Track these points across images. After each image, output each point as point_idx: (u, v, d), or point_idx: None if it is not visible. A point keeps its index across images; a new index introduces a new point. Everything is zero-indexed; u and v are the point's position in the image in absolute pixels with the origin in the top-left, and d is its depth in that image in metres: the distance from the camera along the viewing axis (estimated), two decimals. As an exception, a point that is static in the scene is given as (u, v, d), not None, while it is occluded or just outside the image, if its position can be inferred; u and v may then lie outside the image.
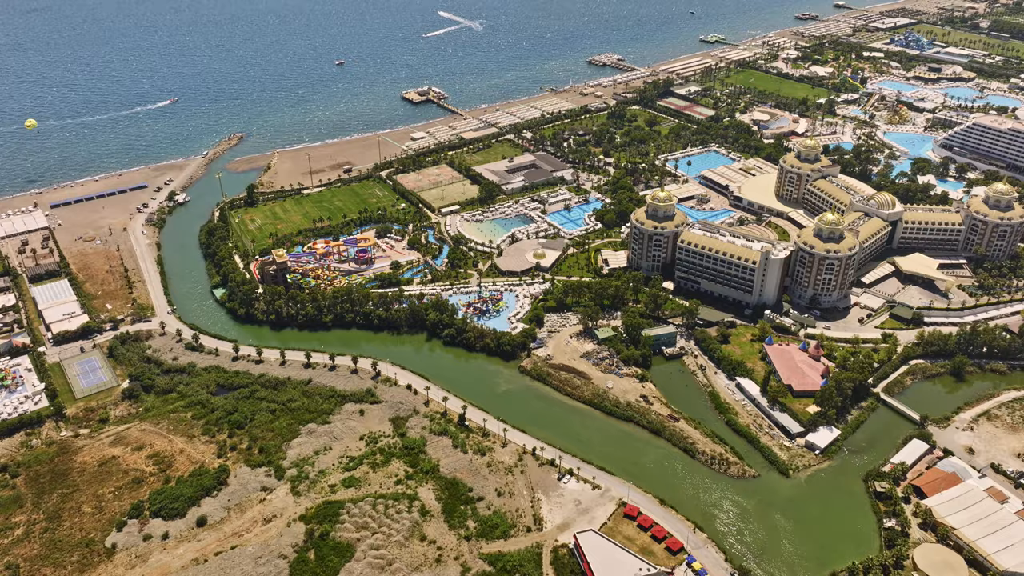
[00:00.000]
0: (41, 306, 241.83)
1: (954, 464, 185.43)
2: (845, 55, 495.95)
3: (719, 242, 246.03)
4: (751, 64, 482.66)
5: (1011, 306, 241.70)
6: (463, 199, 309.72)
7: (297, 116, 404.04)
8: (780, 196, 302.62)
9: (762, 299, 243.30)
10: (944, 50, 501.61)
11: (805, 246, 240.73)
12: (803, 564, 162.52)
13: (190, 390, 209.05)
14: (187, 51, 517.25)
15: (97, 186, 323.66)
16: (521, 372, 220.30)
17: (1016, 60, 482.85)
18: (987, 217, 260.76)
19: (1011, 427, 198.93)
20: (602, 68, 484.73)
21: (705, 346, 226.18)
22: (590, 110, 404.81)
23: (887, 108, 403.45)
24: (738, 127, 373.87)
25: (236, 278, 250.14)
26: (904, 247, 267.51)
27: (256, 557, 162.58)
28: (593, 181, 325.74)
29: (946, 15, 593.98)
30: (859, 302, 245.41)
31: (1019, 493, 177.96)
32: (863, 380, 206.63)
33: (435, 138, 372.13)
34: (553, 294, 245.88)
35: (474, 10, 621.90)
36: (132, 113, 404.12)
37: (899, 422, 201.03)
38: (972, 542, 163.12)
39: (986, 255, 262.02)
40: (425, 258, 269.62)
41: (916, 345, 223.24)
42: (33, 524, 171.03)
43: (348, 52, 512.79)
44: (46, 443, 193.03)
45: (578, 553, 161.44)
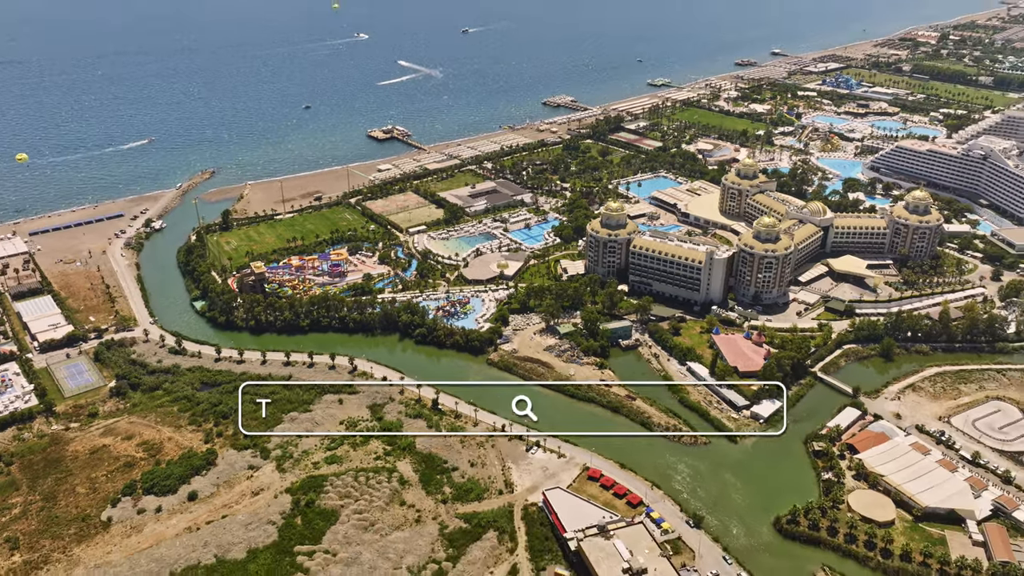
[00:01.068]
0: (26, 319, 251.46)
1: (883, 426, 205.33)
2: (781, 95, 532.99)
3: (668, 246, 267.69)
4: (695, 103, 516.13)
5: (932, 298, 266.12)
6: (429, 220, 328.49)
7: (267, 153, 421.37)
8: (723, 211, 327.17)
9: (709, 297, 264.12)
10: (871, 89, 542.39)
11: (746, 247, 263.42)
12: (750, 512, 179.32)
13: (175, 387, 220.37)
14: (164, 97, 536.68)
15: (74, 216, 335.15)
16: (489, 364, 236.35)
17: (935, 97, 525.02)
18: (908, 221, 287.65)
19: (933, 396, 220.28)
20: (556, 108, 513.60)
21: (658, 337, 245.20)
22: (546, 143, 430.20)
23: (820, 138, 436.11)
24: (684, 155, 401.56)
25: (216, 289, 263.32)
26: (836, 250, 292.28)
27: (246, 524, 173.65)
28: (551, 203, 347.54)
29: (872, 60, 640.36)
30: (797, 298, 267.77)
31: (939, 448, 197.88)
32: (800, 358, 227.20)
33: (400, 169, 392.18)
34: (516, 297, 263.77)
35: (434, 59, 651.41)
36: (111, 151, 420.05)
37: (834, 396, 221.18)
38: (899, 486, 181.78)
39: (909, 255, 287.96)
40: (395, 271, 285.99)
41: (849, 332, 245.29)
42: (29, 504, 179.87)
43: (314, 98, 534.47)
44: (38, 436, 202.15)
45: (547, 507, 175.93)
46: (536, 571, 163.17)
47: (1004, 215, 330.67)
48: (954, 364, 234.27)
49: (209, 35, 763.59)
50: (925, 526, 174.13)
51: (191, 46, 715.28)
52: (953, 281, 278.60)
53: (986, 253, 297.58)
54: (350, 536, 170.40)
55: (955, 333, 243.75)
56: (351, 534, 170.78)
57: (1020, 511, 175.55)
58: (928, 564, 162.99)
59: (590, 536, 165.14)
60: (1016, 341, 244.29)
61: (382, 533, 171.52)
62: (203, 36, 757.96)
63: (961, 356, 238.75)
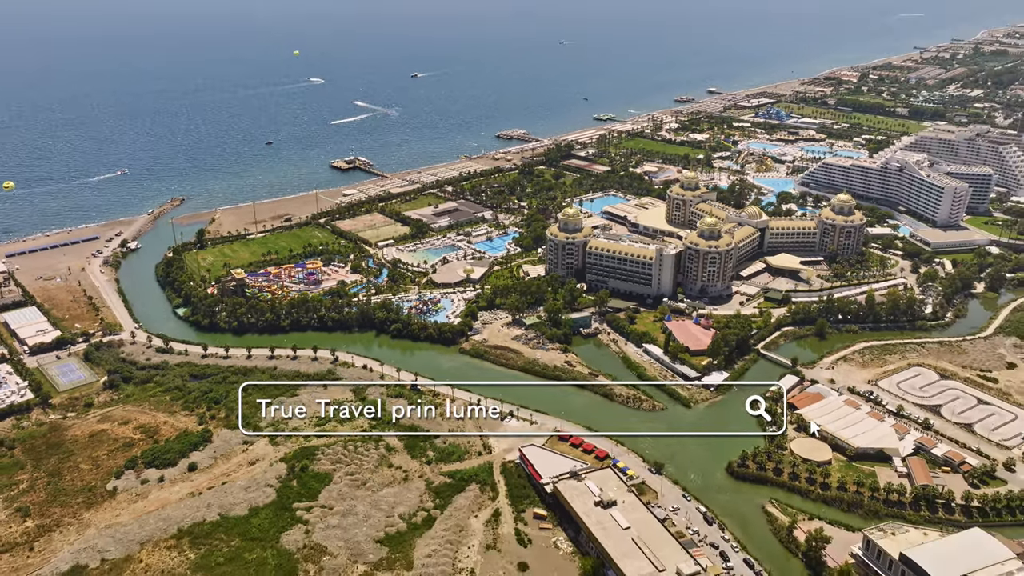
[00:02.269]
0: (13, 326, 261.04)
1: (819, 388, 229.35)
2: (718, 126, 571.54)
3: (621, 245, 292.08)
4: (639, 134, 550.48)
5: (859, 287, 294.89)
6: (396, 235, 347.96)
7: (234, 183, 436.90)
8: (669, 221, 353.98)
9: (660, 291, 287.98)
10: (800, 120, 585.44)
11: (692, 245, 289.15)
12: (705, 461, 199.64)
13: (166, 379, 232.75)
14: (133, 136, 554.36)
15: (49, 239, 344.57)
16: (461, 353, 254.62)
17: (858, 126, 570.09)
18: (835, 221, 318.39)
19: (862, 365, 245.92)
20: (510, 140, 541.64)
21: (616, 325, 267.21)
22: (502, 169, 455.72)
23: (755, 161, 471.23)
24: (632, 176, 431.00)
25: (198, 294, 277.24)
26: (772, 250, 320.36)
27: (245, 487, 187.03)
28: (510, 219, 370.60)
29: (800, 96, 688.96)
30: (739, 290, 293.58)
31: (868, 404, 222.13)
32: (743, 336, 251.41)
33: (365, 194, 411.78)
34: (483, 296, 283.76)
35: (389, 100, 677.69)
36: (84, 182, 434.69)
37: (776, 368, 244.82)
38: (834, 433, 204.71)
39: (837, 252, 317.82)
40: (367, 278, 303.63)
41: (787, 316, 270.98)
42: (35, 480, 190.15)
43: (276, 135, 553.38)
44: (36, 424, 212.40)
45: (523, 461, 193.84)
46: (516, 513, 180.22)
47: (920, 219, 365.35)
48: (880, 340, 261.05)
49: (176, 83, 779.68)
50: (858, 464, 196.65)
51: (162, 88, 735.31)
52: (878, 274, 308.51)
53: (906, 251, 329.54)
54: (344, 493, 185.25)
55: (880, 314, 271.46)
56: (345, 492, 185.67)
57: (938, 448, 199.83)
58: (861, 492, 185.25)
59: (564, 479, 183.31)
60: (932, 320, 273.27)
61: (373, 490, 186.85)
62: (172, 83, 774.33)
63: (886, 333, 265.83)
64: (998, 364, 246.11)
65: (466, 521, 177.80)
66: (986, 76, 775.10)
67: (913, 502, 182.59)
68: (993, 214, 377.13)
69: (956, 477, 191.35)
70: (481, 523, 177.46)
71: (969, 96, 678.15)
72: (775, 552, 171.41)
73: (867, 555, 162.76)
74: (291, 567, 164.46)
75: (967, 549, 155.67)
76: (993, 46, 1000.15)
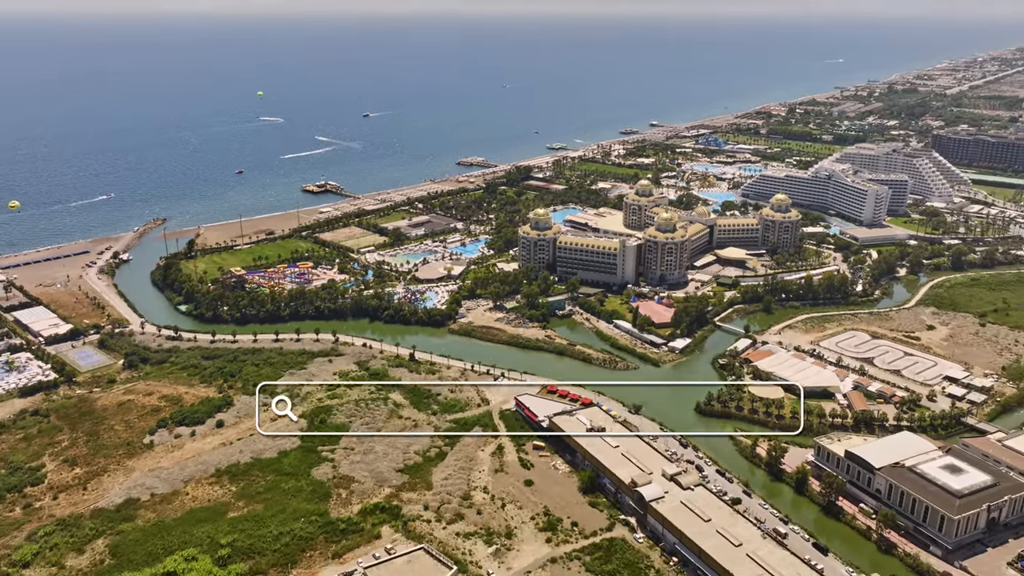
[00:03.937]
0: (25, 322, 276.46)
1: (770, 347, 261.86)
2: (663, 152, 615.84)
3: (588, 239, 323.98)
4: (591, 159, 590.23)
5: (798, 273, 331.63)
6: (377, 243, 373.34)
7: (212, 205, 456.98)
8: (627, 225, 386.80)
9: (624, 279, 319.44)
10: (737, 146, 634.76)
11: (651, 238, 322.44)
12: (676, 405, 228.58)
13: (182, 359, 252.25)
14: (115, 168, 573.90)
15: (40, 254, 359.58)
16: (451, 332, 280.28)
17: (789, 150, 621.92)
18: (774, 218, 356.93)
19: (805, 331, 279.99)
20: (470, 166, 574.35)
21: (587, 306, 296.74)
22: (467, 189, 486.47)
23: (699, 179, 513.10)
24: (589, 192, 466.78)
25: (200, 290, 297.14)
26: (721, 244, 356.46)
27: (272, 437, 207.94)
28: (480, 229, 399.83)
29: (735, 127, 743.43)
30: (694, 278, 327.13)
31: (812, 358, 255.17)
32: (701, 310, 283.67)
33: (341, 211, 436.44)
34: (465, 287, 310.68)
35: (349, 135, 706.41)
36: (73, 205, 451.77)
37: (731, 337, 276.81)
38: (786, 377, 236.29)
39: (778, 245, 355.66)
40: (355, 277, 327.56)
41: (737, 296, 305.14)
42: (76, 439, 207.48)
43: (244, 165, 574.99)
44: (65, 397, 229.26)
45: (520, 407, 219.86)
46: (518, 447, 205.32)
47: (848, 220, 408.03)
48: (819, 312, 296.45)
49: (143, 121, 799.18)
50: (807, 401, 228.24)
51: (130, 126, 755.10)
52: (814, 263, 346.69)
53: (837, 245, 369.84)
54: (362, 439, 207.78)
55: (818, 293, 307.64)
56: (363, 436, 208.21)
57: (872, 386, 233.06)
58: (810, 419, 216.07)
59: (558, 416, 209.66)
60: (863, 297, 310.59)
61: (387, 433, 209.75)
62: (139, 122, 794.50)
63: (823, 308, 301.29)
64: (920, 327, 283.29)
65: (475, 453, 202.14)
66: (900, 109, 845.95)
67: (854, 424, 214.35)
68: (911, 216, 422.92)
69: (888, 407, 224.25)
70: (488, 454, 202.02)
71: (886, 125, 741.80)
72: (742, 466, 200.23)
73: (819, 459, 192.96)
74: (325, 492, 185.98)
75: (900, 445, 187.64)
76: (905, 86, 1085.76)
